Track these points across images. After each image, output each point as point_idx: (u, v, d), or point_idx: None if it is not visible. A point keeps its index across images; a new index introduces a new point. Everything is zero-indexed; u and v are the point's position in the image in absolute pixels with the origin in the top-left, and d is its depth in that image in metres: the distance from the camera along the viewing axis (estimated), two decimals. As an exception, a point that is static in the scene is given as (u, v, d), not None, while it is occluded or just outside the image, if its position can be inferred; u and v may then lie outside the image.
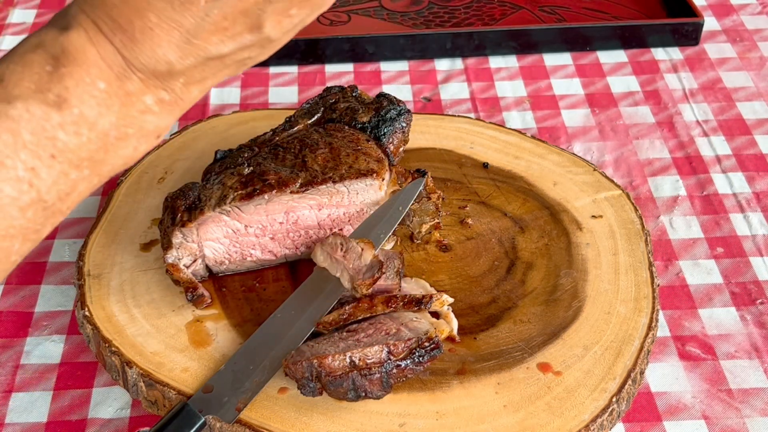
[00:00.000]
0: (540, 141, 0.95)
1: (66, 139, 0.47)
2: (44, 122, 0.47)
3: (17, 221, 0.47)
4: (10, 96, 0.47)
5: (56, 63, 0.48)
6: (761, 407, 0.76)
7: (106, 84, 0.48)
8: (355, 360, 0.67)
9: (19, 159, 0.46)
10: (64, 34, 0.49)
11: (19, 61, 0.48)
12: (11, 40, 1.19)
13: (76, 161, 0.48)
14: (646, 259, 0.82)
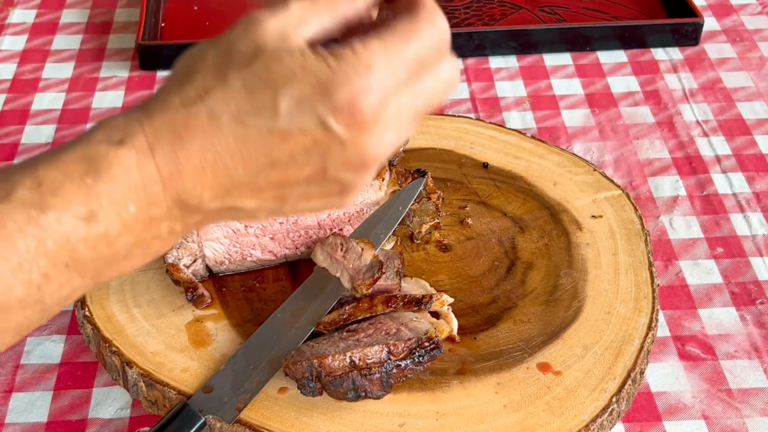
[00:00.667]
0: (540, 141, 0.95)
1: (83, 251, 0.47)
2: (70, 234, 0.47)
3: (15, 318, 0.48)
4: (45, 204, 0.46)
5: (97, 178, 0.47)
6: (761, 407, 0.76)
7: (137, 208, 0.48)
8: (355, 360, 0.67)
9: (37, 264, 0.46)
10: (113, 149, 0.48)
11: (63, 169, 0.48)
12: (11, 40, 1.19)
13: (83, 271, 0.48)
14: (646, 259, 0.82)
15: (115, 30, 1.21)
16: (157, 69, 1.13)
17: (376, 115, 0.48)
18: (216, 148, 0.48)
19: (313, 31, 0.49)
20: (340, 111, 0.47)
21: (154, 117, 0.49)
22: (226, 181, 0.49)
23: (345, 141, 0.48)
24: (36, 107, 1.09)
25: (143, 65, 1.13)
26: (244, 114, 0.48)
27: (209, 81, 0.48)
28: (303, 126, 0.48)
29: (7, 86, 1.12)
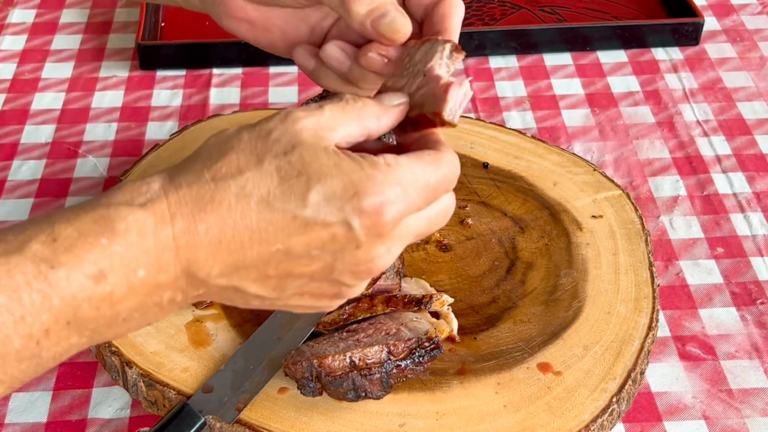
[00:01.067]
0: (540, 141, 0.95)
1: (86, 310, 0.48)
2: (77, 292, 0.47)
3: (10, 370, 0.48)
4: (57, 260, 0.47)
5: (112, 239, 0.48)
6: (761, 407, 0.76)
7: (146, 273, 0.49)
8: (355, 360, 0.67)
9: (39, 319, 0.47)
10: (133, 212, 0.48)
11: (79, 227, 0.48)
12: (11, 40, 1.19)
13: (82, 330, 0.49)
14: (646, 259, 0.81)
15: (115, 30, 1.21)
16: (157, 69, 1.13)
17: (393, 227, 0.51)
18: (238, 225, 0.49)
19: (341, 137, 0.52)
20: (366, 215, 0.50)
21: (180, 186, 0.50)
22: (237, 260, 0.50)
23: (361, 244, 0.51)
24: (36, 107, 1.09)
25: (143, 65, 1.13)
26: (273, 198, 0.49)
27: (243, 161, 0.50)
28: (327, 220, 0.50)
29: (6, 86, 1.12)
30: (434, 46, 0.62)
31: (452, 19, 0.64)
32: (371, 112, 0.55)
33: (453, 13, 0.64)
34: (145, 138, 1.04)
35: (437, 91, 0.59)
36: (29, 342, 0.47)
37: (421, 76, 0.61)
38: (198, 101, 1.09)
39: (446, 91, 0.59)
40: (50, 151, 1.02)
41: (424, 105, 0.60)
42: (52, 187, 0.97)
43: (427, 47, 0.62)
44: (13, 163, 1.01)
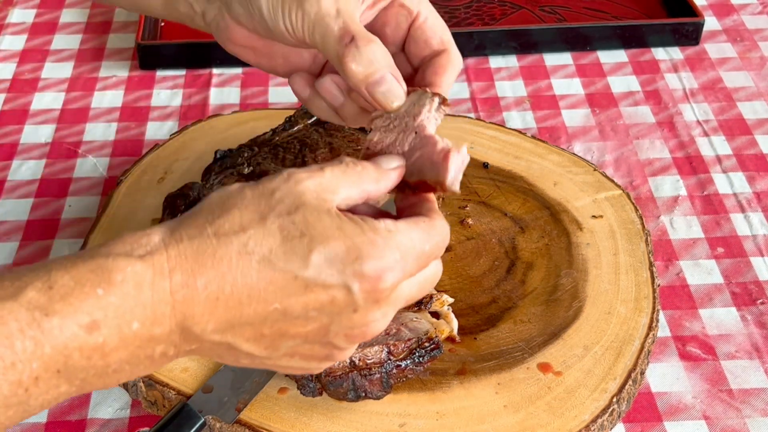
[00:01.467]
0: (540, 141, 0.95)
1: (77, 359, 0.47)
2: (69, 341, 0.47)
3: None
4: (51, 309, 0.46)
5: (108, 289, 0.47)
6: (762, 407, 0.76)
7: (140, 325, 0.48)
8: (355, 360, 0.66)
9: (30, 366, 0.46)
10: (131, 263, 0.48)
11: (75, 275, 0.47)
12: (11, 39, 1.19)
13: (72, 379, 0.48)
14: (646, 259, 0.81)
15: (115, 29, 1.21)
16: (156, 68, 1.13)
17: (390, 292, 0.52)
18: (237, 282, 0.49)
19: (341, 199, 0.53)
20: (366, 279, 0.50)
21: (181, 240, 0.49)
22: (234, 317, 0.50)
23: (358, 308, 0.51)
24: (35, 107, 1.08)
25: (143, 65, 1.13)
26: (275, 257, 0.49)
27: (246, 219, 0.50)
28: (327, 282, 0.50)
29: (6, 86, 1.12)
30: (422, 98, 0.63)
31: (447, 75, 0.65)
32: (370, 176, 0.56)
33: (449, 69, 0.65)
34: (145, 138, 1.04)
35: (435, 158, 0.60)
36: (18, 389, 0.46)
37: (413, 133, 0.62)
38: (198, 101, 1.09)
39: (446, 159, 0.59)
40: (50, 151, 1.02)
41: (423, 171, 0.61)
42: (52, 187, 0.97)
43: (415, 98, 0.63)
44: (13, 163, 1.01)
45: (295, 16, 0.61)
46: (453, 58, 0.65)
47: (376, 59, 0.60)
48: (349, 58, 0.60)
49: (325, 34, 0.60)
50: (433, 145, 0.62)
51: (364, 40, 0.60)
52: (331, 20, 0.60)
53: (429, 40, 0.65)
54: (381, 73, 0.60)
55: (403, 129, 0.63)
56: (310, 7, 0.60)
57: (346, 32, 0.60)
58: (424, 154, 0.62)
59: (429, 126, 0.63)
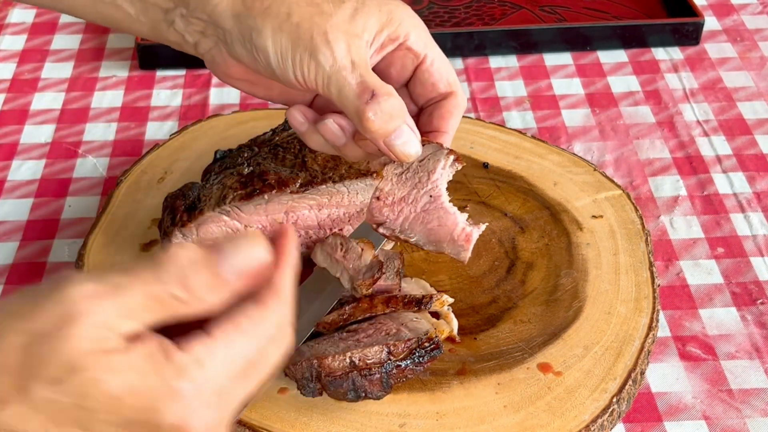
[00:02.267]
0: (540, 141, 0.95)
1: None
2: None
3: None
4: None
5: None
6: (762, 407, 0.76)
7: None
8: (355, 360, 0.66)
9: None
10: None
11: None
12: (10, 39, 1.19)
13: None
14: (646, 259, 0.81)
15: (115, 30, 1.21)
16: (156, 68, 1.13)
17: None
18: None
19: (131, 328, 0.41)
20: None
21: None
22: None
23: None
24: (35, 107, 1.08)
25: (143, 65, 1.13)
26: None
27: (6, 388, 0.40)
28: None
29: (6, 86, 1.12)
30: (438, 155, 0.64)
31: (454, 119, 0.65)
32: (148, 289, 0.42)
33: (455, 114, 0.65)
34: (144, 138, 1.04)
35: (457, 238, 0.63)
36: None
37: (427, 195, 0.64)
38: (198, 101, 1.09)
39: (468, 241, 0.63)
40: (50, 151, 1.02)
41: (440, 243, 0.64)
42: (52, 187, 0.97)
43: (430, 151, 0.64)
44: (13, 163, 1.01)
45: (307, 69, 0.60)
46: (459, 101, 0.66)
47: (396, 114, 0.60)
48: (369, 115, 0.59)
49: (341, 89, 0.59)
50: (453, 223, 0.63)
51: (385, 95, 0.59)
52: (347, 74, 0.59)
53: (436, 84, 0.65)
54: (400, 126, 0.60)
55: (416, 184, 0.65)
56: (325, 60, 0.59)
57: (365, 88, 0.59)
58: (443, 228, 0.64)
59: (442, 186, 0.64)
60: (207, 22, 0.63)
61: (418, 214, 0.64)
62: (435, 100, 0.66)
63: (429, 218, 0.65)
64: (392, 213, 0.66)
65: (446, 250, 0.64)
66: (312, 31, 0.59)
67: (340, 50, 0.59)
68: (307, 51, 0.59)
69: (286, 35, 0.59)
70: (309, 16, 0.59)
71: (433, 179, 0.64)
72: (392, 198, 0.65)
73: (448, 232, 0.64)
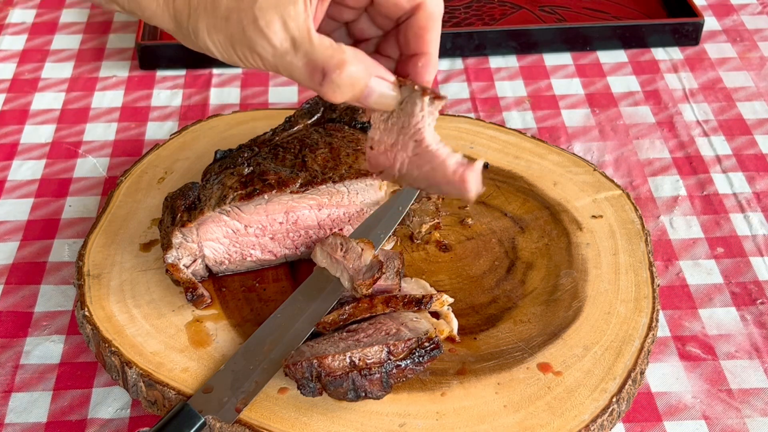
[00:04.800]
0: (540, 141, 0.95)
1: None
2: None
3: None
4: None
5: None
6: (761, 407, 0.76)
7: None
8: (355, 360, 0.67)
9: None
10: None
11: None
12: (11, 39, 1.19)
13: None
14: (646, 259, 0.82)
15: (115, 30, 1.21)
16: (156, 68, 1.13)
17: None
18: None
19: None
20: None
21: None
22: None
23: None
24: (35, 107, 1.09)
25: (143, 65, 1.13)
26: None
27: None
28: None
29: (6, 86, 1.12)
30: (412, 96, 0.61)
31: (430, 34, 0.61)
32: None
33: (430, 27, 0.61)
34: (145, 138, 1.04)
35: (451, 178, 0.60)
36: None
37: (412, 141, 0.61)
38: (198, 101, 1.09)
39: (463, 180, 0.60)
40: (50, 151, 1.02)
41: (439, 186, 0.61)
42: (52, 187, 0.97)
43: (406, 94, 0.61)
44: (13, 163, 1.01)
45: (252, 61, 0.58)
46: (431, 11, 0.61)
47: (356, 78, 0.57)
48: (329, 95, 0.57)
49: (291, 73, 0.57)
50: (443, 164, 0.61)
51: (336, 70, 0.56)
52: (291, 57, 0.57)
53: (397, 2, 0.61)
54: (366, 85, 0.58)
55: (401, 129, 0.62)
56: (265, 51, 0.57)
57: (314, 68, 0.57)
58: (437, 171, 0.61)
59: (427, 128, 0.61)
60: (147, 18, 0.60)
61: (411, 158, 0.62)
62: (405, 17, 0.61)
63: (421, 162, 0.62)
64: (387, 160, 0.63)
65: (448, 192, 0.62)
66: (242, 23, 0.56)
67: (276, 35, 0.56)
68: (245, 46, 0.57)
69: (221, 34, 0.57)
70: (235, 3, 0.56)
71: (414, 123, 0.60)
72: (383, 145, 0.63)
73: (442, 174, 0.61)
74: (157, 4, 0.58)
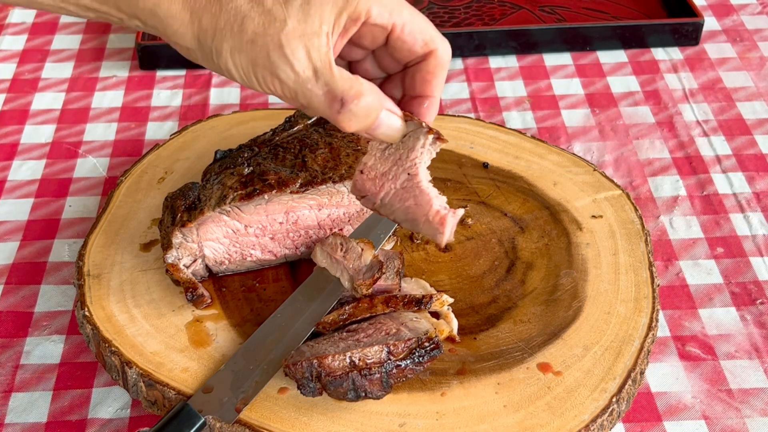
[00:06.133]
0: (540, 141, 0.95)
1: None
2: None
3: None
4: None
5: None
6: (761, 407, 0.76)
7: None
8: (355, 360, 0.67)
9: None
10: None
11: None
12: (11, 39, 1.19)
13: None
14: (646, 259, 0.82)
15: (115, 30, 1.21)
16: (156, 68, 1.13)
17: None
18: None
19: None
20: None
21: None
22: None
23: None
24: (35, 107, 1.09)
25: (143, 65, 1.13)
26: None
27: None
28: None
29: (6, 86, 1.12)
30: (417, 132, 0.63)
31: (437, 79, 0.64)
32: None
33: (438, 74, 0.63)
34: (145, 138, 1.04)
35: (432, 219, 0.63)
36: None
37: (405, 173, 0.64)
38: (198, 101, 1.09)
39: (442, 224, 0.62)
40: (50, 151, 1.02)
41: (416, 223, 0.64)
42: (52, 187, 0.97)
43: (412, 128, 0.64)
44: (13, 163, 1.01)
45: (272, 85, 0.59)
46: (440, 60, 0.63)
47: (370, 110, 0.60)
48: (345, 123, 0.59)
49: (310, 101, 0.59)
50: (428, 203, 0.63)
51: (354, 100, 0.59)
52: (312, 86, 0.59)
53: (411, 48, 0.63)
54: (378, 117, 0.61)
55: (397, 160, 0.65)
56: (287, 77, 0.58)
57: (333, 97, 0.59)
58: (419, 208, 0.64)
59: (422, 165, 0.64)
60: (168, 36, 0.61)
61: (398, 190, 0.64)
62: (415, 61, 0.64)
63: (406, 196, 0.64)
64: (374, 187, 0.66)
65: (422, 230, 0.64)
66: (267, 48, 0.58)
67: (299, 63, 0.58)
68: (267, 70, 0.58)
69: (244, 56, 0.59)
70: (262, 29, 0.58)
71: (412, 157, 0.63)
72: (374, 172, 0.65)
73: (423, 212, 0.64)
74: (180, 22, 0.59)
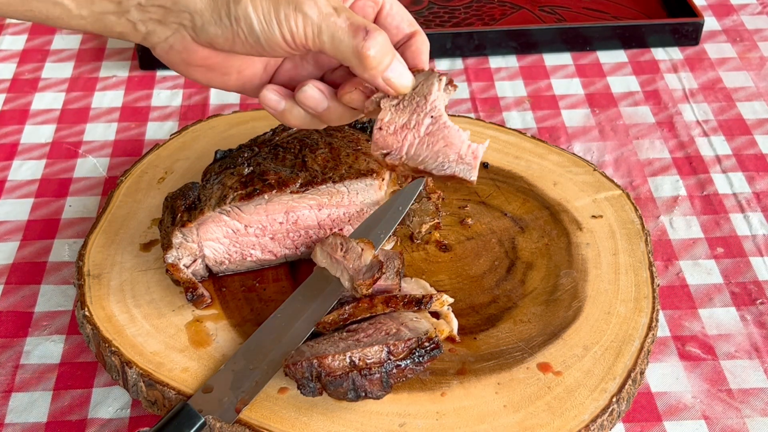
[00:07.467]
0: (540, 141, 0.95)
1: None
2: None
3: None
4: None
5: None
6: (761, 407, 0.76)
7: None
8: (355, 360, 0.67)
9: None
10: None
11: None
12: (11, 39, 1.19)
13: None
14: (646, 259, 0.82)
15: (115, 30, 1.21)
16: (156, 69, 1.13)
17: None
18: None
19: None
20: None
21: None
22: None
23: None
24: (35, 107, 1.09)
25: (143, 65, 1.13)
26: None
27: None
28: None
29: (6, 86, 1.12)
30: (430, 78, 0.66)
31: (424, 55, 0.68)
32: None
33: (424, 50, 0.68)
34: (145, 138, 1.04)
35: (465, 156, 0.65)
36: None
37: (428, 116, 0.66)
38: (198, 101, 1.09)
39: (475, 158, 0.65)
40: (50, 151, 1.02)
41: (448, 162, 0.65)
42: (52, 187, 0.97)
43: (423, 78, 0.66)
44: (13, 163, 1.01)
45: (294, 24, 0.61)
46: (424, 36, 0.68)
47: (389, 47, 0.63)
48: (371, 51, 0.61)
49: (334, 34, 0.61)
50: (459, 140, 0.64)
51: (376, 30, 0.62)
52: (336, 19, 0.61)
53: (400, 26, 0.68)
54: (393, 59, 0.63)
55: (414, 109, 0.66)
56: (311, 10, 0.61)
57: (358, 27, 0.61)
58: (451, 147, 0.65)
59: (441, 107, 0.65)
60: (168, 9, 0.62)
61: (423, 137, 0.66)
62: (402, 42, 0.68)
63: (434, 139, 0.66)
64: (396, 141, 0.67)
65: (455, 170, 0.66)
66: None
67: (321, 0, 0.61)
68: (291, 6, 0.61)
69: None
70: None
71: (431, 101, 0.65)
72: (394, 126, 0.66)
73: (455, 150, 0.66)
74: None
